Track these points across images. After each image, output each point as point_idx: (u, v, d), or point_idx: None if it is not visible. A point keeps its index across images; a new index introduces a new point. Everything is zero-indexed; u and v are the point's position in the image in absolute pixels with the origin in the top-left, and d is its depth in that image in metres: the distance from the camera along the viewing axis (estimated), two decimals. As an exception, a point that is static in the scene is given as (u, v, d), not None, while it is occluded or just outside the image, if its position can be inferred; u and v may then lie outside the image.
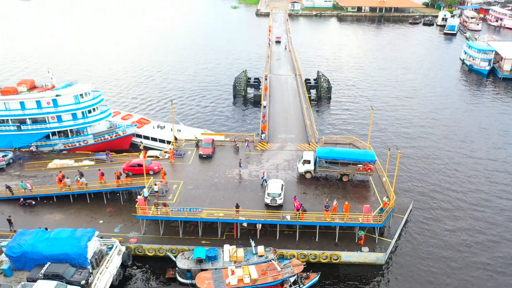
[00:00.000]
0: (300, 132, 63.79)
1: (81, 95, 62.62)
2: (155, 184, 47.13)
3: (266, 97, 76.56)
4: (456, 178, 58.81)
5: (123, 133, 65.74)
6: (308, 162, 49.85)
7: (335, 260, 42.84)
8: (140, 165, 49.97)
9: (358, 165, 49.22)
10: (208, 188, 48.56)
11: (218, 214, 43.19)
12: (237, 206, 43.04)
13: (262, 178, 49.29)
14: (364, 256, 42.79)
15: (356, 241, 43.72)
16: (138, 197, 43.99)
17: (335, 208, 43.56)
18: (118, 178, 49.38)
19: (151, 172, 51.10)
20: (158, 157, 56.66)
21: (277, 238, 44.08)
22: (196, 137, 59.79)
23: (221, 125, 76.06)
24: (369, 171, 49.11)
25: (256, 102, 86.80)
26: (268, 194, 44.57)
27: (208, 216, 43.23)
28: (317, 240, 43.85)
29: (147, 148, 66.83)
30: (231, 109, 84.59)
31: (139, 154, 59.66)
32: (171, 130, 64.33)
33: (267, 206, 44.92)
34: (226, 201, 45.98)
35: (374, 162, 48.87)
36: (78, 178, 50.06)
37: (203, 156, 55.33)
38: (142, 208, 43.23)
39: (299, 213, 42.60)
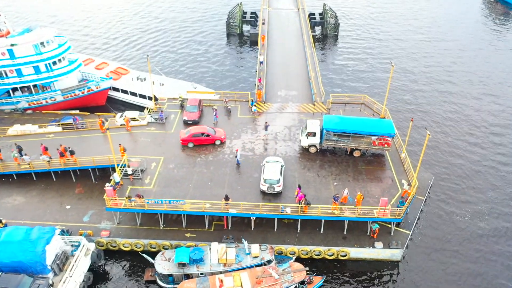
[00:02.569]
0: (304, 88, 54.36)
1: (42, 43, 52.24)
2: (128, 166, 39.25)
3: (264, 47, 64.55)
4: (490, 150, 50.38)
5: (97, 88, 56.36)
6: (313, 134, 41.46)
7: (343, 256, 36.45)
8: (207, 135, 43.18)
9: (373, 139, 40.94)
10: (193, 167, 40.71)
11: (204, 206, 35.89)
12: (227, 198, 35.55)
13: (235, 157, 41.01)
14: (377, 252, 36.32)
15: (368, 233, 36.98)
16: (106, 186, 36.26)
17: (345, 198, 36.17)
18: (62, 155, 41.26)
19: (217, 143, 43.71)
20: (136, 119, 47.93)
21: (275, 229, 37.31)
22: (180, 97, 50.54)
23: (212, 75, 65.92)
24: (386, 145, 40.93)
25: (253, 42, 75.73)
26: (265, 181, 36.87)
27: (191, 209, 35.94)
28: (322, 232, 37.10)
29: (124, 106, 58.19)
30: (224, 52, 73.71)
31: (115, 114, 51.45)
32: (151, 94, 54.60)
33: (263, 193, 37.49)
34: (214, 186, 38.43)
35: (393, 136, 40.46)
36: (15, 154, 41.86)
37: (188, 122, 46.70)
38: (112, 198, 35.84)
39: (302, 206, 35.27)
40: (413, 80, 65.27)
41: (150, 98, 55.56)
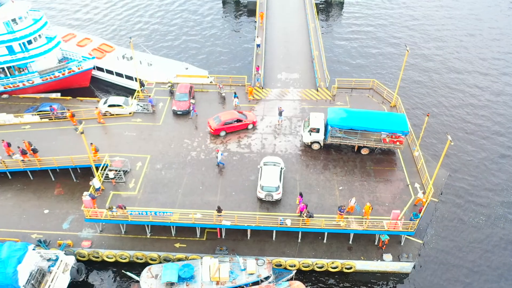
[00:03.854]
0: (306, 70, 49.18)
1: (14, 20, 46.65)
2: (111, 166, 35.12)
3: (262, 27, 57.06)
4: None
5: (79, 69, 51.19)
6: (317, 130, 37.05)
7: (348, 269, 33.20)
8: (239, 120, 39.97)
9: (383, 135, 36.60)
10: (183, 168, 36.63)
11: (194, 217, 32.15)
12: (219, 210, 31.70)
13: (216, 158, 36.76)
14: (385, 265, 33.02)
15: (376, 243, 33.52)
16: (84, 196, 32.30)
17: (351, 207, 32.38)
18: (24, 153, 37.14)
19: (250, 127, 40.72)
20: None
21: (273, 239, 33.81)
22: (170, 82, 45.55)
23: (206, 52, 60.01)
24: (398, 143, 36.64)
25: (251, 11, 69.25)
26: (262, 188, 32.90)
27: (180, 220, 32.22)
28: (325, 241, 33.65)
29: (111, 87, 53.33)
30: (220, 25, 67.47)
31: (100, 99, 46.95)
32: (135, 80, 49.55)
33: (261, 200, 33.65)
34: (206, 191, 34.53)
35: (406, 134, 36.05)
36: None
37: (178, 112, 42.13)
38: (90, 209, 32.05)
39: (303, 218, 31.53)
40: (427, 58, 59.51)
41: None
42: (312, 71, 48.68)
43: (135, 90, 46.69)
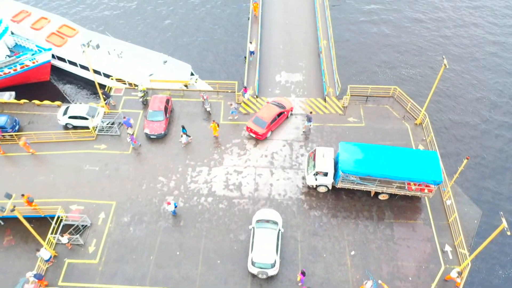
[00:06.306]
0: (311, 70, 39.66)
1: None
2: (62, 235, 27.81)
3: (257, 19, 44.39)
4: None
5: (33, 63, 41.89)
6: (324, 174, 29.26)
7: None
8: (281, 113, 34.54)
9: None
10: (156, 222, 29.31)
11: (168, 302, 25.61)
12: (199, 300, 25.05)
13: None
14: None
15: (393, 319, 27.35)
16: (28, 277, 25.42)
17: (366, 290, 25.72)
18: None
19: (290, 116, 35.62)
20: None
21: (269, 314, 27.58)
22: (142, 89, 36.65)
23: (190, 43, 49.08)
24: (426, 191, 29.04)
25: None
26: (254, 264, 25.93)
27: (152, 305, 25.74)
28: (331, 316, 27.46)
29: (74, 81, 44.43)
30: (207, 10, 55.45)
31: (60, 104, 38.57)
32: (107, 70, 40.70)
33: (253, 276, 26.88)
34: (184, 258, 27.57)
35: (439, 184, 28.20)
36: None
37: (151, 136, 33.90)
38: (38, 292, 25.43)
39: (306, 307, 25.02)
40: (472, 68, 46.54)
41: (107, 76, 41.67)
42: (319, 70, 39.46)
43: (105, 87, 38.23)
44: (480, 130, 40.61)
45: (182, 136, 32.73)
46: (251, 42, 39.67)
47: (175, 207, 28.79)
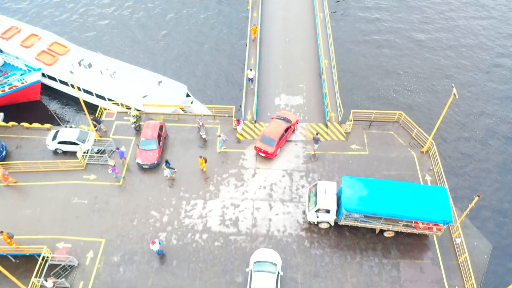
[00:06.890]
0: (312, 92, 37.84)
1: None
2: (46, 280, 26.04)
3: (255, 42, 41.99)
4: None
5: (22, 83, 40.18)
6: (327, 211, 27.55)
7: None
8: (288, 128, 33.58)
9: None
10: (148, 262, 27.58)
11: None
12: None
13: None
14: None
15: None
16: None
17: None
18: None
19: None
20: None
21: None
22: (135, 113, 34.90)
23: (185, 61, 46.64)
24: (435, 229, 27.32)
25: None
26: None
27: None
28: None
29: (65, 100, 42.89)
30: (203, 19, 53.67)
31: (50, 127, 36.94)
32: (100, 91, 39.03)
33: (250, 323, 25.18)
34: (177, 302, 25.96)
35: (449, 223, 26.47)
36: None
37: (143, 166, 32.16)
38: None
39: None
40: (479, 89, 43.85)
41: (100, 97, 39.99)
42: (320, 93, 37.72)
43: (98, 107, 36.62)
44: (491, 160, 38.46)
45: (165, 169, 30.96)
46: (250, 70, 37.73)
47: (160, 244, 27.03)
